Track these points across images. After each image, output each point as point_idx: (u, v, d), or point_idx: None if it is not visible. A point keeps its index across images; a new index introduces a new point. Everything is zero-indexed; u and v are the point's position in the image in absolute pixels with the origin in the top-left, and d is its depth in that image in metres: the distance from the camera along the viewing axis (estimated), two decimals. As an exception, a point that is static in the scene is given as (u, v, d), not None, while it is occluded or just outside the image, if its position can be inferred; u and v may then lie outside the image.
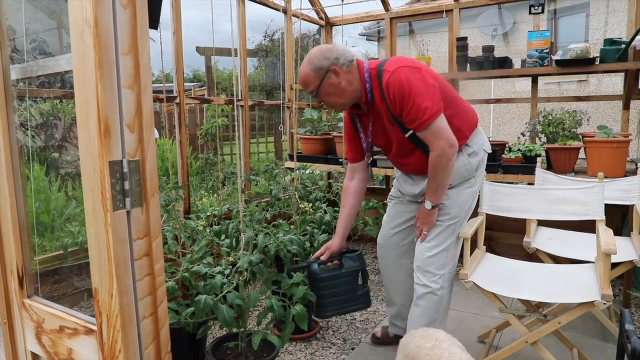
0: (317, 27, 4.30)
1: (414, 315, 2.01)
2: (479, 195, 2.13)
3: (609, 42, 2.94)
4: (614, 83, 7.26)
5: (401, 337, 2.19)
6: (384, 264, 2.26)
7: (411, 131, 1.85)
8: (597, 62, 2.92)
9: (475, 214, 2.23)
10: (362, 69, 1.87)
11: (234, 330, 2.03)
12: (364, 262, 2.15)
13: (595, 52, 3.00)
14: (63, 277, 2.25)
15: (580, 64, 2.92)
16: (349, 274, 2.07)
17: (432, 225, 1.97)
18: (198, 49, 7.84)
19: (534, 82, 3.34)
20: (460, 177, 1.95)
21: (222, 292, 1.80)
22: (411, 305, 2.04)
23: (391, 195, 2.25)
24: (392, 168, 2.54)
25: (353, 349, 2.35)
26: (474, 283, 1.91)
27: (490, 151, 2.07)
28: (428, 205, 1.92)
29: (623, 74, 3.16)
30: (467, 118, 1.97)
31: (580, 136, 2.93)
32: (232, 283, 1.85)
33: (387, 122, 1.92)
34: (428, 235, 1.99)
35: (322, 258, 2.09)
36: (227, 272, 1.91)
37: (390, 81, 1.78)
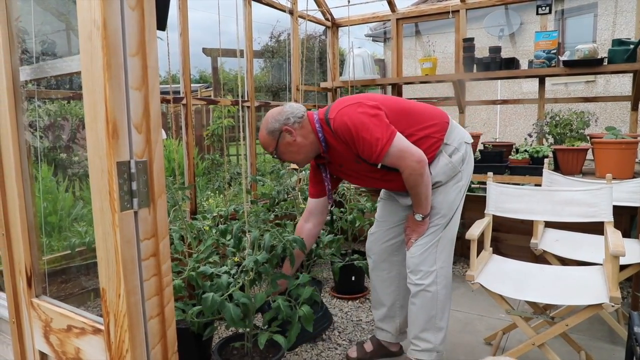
0: (323, 28, 4.31)
1: (412, 314, 2.03)
2: (486, 196, 2.12)
3: (618, 42, 2.92)
4: (622, 84, 7.21)
5: (386, 344, 2.25)
6: (375, 263, 2.23)
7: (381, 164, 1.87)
8: (605, 63, 2.90)
9: (481, 215, 2.23)
10: (313, 121, 1.92)
11: (240, 330, 2.04)
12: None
13: (603, 53, 2.98)
14: (71, 277, 2.27)
15: (588, 65, 2.91)
16: None
17: (423, 233, 1.96)
18: (204, 50, 7.87)
19: (541, 83, 3.32)
20: (445, 176, 1.95)
21: (228, 292, 1.80)
22: (408, 305, 2.05)
23: (381, 197, 2.26)
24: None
25: (359, 350, 2.35)
26: (481, 284, 1.90)
27: (471, 141, 2.04)
28: (418, 217, 1.93)
29: (632, 74, 3.14)
30: (434, 122, 1.96)
31: (588, 137, 2.91)
32: (238, 282, 1.85)
33: (354, 163, 1.93)
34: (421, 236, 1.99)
35: None
36: (233, 272, 1.91)
37: (337, 126, 1.83)
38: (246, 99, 3.31)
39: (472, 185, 4.85)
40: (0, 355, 1.56)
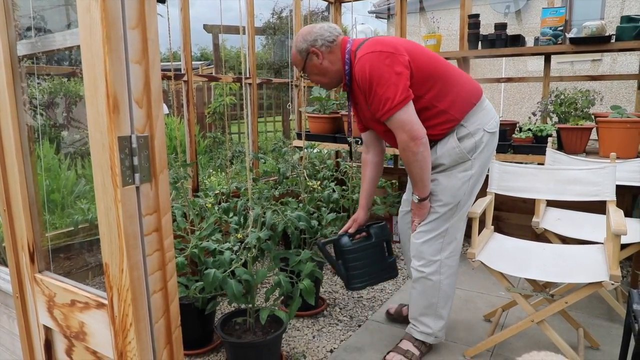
0: (326, 4, 4.23)
1: (413, 297, 2.04)
2: (487, 175, 2.09)
3: (626, 19, 2.86)
4: (629, 62, 7.11)
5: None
6: (403, 242, 2.29)
7: None
8: (613, 40, 2.85)
9: (484, 193, 2.22)
10: (344, 50, 1.87)
11: (242, 306, 2.06)
12: (389, 232, 2.17)
13: (611, 30, 2.92)
14: (74, 254, 2.29)
15: (595, 42, 2.85)
16: (378, 244, 2.08)
17: (425, 217, 1.93)
18: (206, 27, 7.76)
19: (547, 60, 3.28)
20: (450, 160, 1.86)
21: (230, 268, 1.82)
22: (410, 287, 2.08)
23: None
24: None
25: (359, 326, 2.38)
26: (482, 262, 1.91)
27: (493, 130, 1.90)
28: (415, 198, 1.90)
29: (639, 53, 3.09)
30: (461, 97, 1.84)
31: (593, 116, 2.88)
32: (241, 259, 1.86)
33: (364, 106, 1.91)
34: (422, 222, 1.96)
35: (351, 231, 2.09)
36: (235, 248, 1.92)
37: (358, 69, 1.78)
38: (248, 76, 3.28)
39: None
40: (6, 328, 1.59)
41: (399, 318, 2.37)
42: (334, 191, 2.69)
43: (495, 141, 1.95)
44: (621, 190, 2.30)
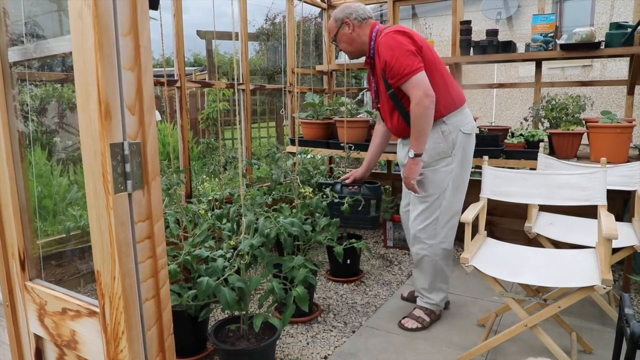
0: (319, 10, 4.25)
1: (415, 276, 2.44)
2: (481, 180, 2.14)
3: (615, 26, 2.90)
4: (619, 68, 7.19)
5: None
6: (405, 230, 2.57)
7: (392, 90, 2.16)
8: (603, 47, 2.89)
9: (476, 198, 2.23)
10: (373, 29, 2.23)
11: (236, 313, 2.05)
12: (380, 194, 2.57)
13: (600, 37, 2.96)
14: (66, 261, 2.27)
15: (585, 48, 2.89)
16: (365, 199, 2.45)
17: (415, 176, 2.16)
18: (199, 33, 7.75)
19: (538, 66, 3.31)
20: (435, 154, 2.19)
21: (223, 275, 1.81)
22: (412, 268, 2.46)
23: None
24: (395, 153, 2.59)
25: (354, 331, 2.38)
26: (475, 267, 1.92)
27: (468, 132, 2.22)
28: (411, 153, 2.14)
29: (628, 58, 3.13)
30: (447, 96, 2.17)
31: (584, 121, 2.91)
32: (234, 266, 1.86)
33: (379, 79, 2.24)
34: (415, 211, 2.30)
35: (347, 182, 2.57)
36: (228, 255, 1.92)
37: (382, 40, 2.13)
38: (241, 82, 3.28)
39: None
40: (-4, 337, 1.57)
41: (412, 299, 2.62)
42: (325, 196, 2.69)
43: (472, 144, 2.28)
44: (612, 195, 2.32)
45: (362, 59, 2.36)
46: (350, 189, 2.51)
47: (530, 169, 2.78)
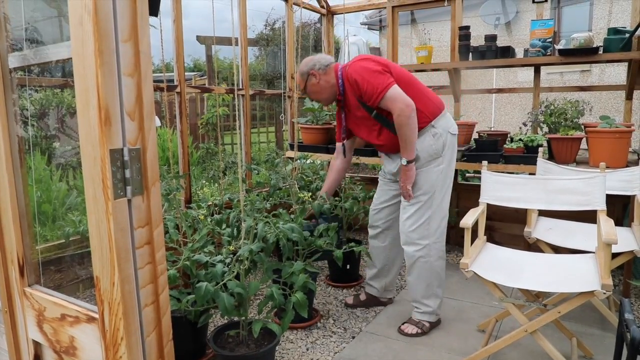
0: (318, 15, 4.27)
1: (412, 282, 2.42)
2: (481, 185, 2.14)
3: (613, 31, 2.91)
4: (617, 73, 7.22)
5: (374, 297, 2.72)
6: (372, 234, 2.64)
7: (375, 111, 2.26)
8: (601, 52, 2.90)
9: (475, 203, 2.23)
10: (337, 71, 2.36)
11: (235, 318, 2.05)
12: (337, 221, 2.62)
13: (599, 42, 2.97)
14: (65, 267, 2.26)
15: (583, 54, 2.90)
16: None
17: (412, 180, 2.27)
18: (199, 38, 7.78)
19: (537, 71, 3.32)
20: (428, 156, 2.29)
21: (222, 281, 1.81)
22: (406, 274, 2.45)
23: (379, 175, 2.64)
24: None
25: (353, 337, 2.37)
26: (475, 272, 1.91)
27: (455, 133, 2.35)
28: (404, 161, 2.25)
29: (626, 63, 3.14)
30: (429, 103, 2.29)
31: (583, 126, 2.91)
32: (233, 272, 1.85)
33: (355, 110, 2.35)
34: (406, 213, 2.35)
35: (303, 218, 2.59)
36: (227, 261, 1.91)
37: (350, 72, 2.27)
38: (241, 87, 3.29)
39: (467, 175, 4.86)
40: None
41: (357, 304, 2.72)
42: (325, 201, 2.69)
43: (456, 143, 2.40)
44: (611, 200, 2.32)
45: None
46: (312, 222, 2.56)
47: (530, 173, 2.78)
